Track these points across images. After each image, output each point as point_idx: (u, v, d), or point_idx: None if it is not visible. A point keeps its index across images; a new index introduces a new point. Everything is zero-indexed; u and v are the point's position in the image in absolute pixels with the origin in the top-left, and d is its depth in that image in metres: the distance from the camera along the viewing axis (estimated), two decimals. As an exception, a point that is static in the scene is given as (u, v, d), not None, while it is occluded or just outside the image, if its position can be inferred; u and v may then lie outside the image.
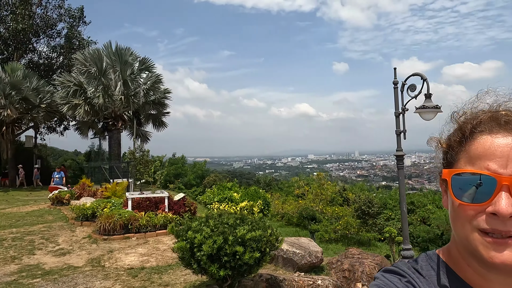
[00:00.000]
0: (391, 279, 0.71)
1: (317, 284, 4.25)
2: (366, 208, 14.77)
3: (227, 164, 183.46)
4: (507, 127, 0.62)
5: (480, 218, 0.60)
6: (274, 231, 3.96)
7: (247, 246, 3.57)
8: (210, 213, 4.21)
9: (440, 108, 4.52)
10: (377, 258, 5.21)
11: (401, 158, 5.12)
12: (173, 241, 6.80)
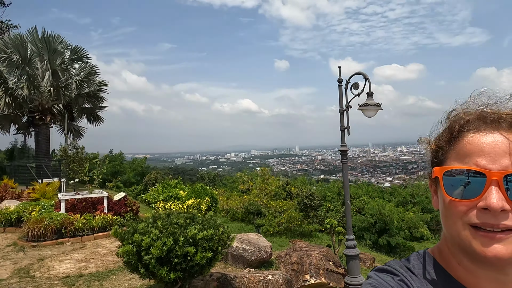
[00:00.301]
0: (384, 278, 0.72)
1: (267, 279, 4.28)
2: (308, 201, 15.38)
3: (168, 160, 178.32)
4: (493, 125, 0.65)
5: (472, 213, 0.61)
6: (226, 229, 3.89)
7: (198, 246, 3.45)
8: (157, 213, 3.99)
9: (380, 106, 4.85)
10: (323, 250, 5.42)
11: (345, 153, 5.38)
12: (114, 244, 6.37)
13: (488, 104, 0.70)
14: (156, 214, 3.95)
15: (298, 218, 14.61)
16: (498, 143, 0.62)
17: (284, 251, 5.73)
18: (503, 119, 0.65)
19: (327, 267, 5.03)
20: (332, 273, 5.02)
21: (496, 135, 0.64)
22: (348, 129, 5.25)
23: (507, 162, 0.60)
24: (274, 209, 15.80)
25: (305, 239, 14.06)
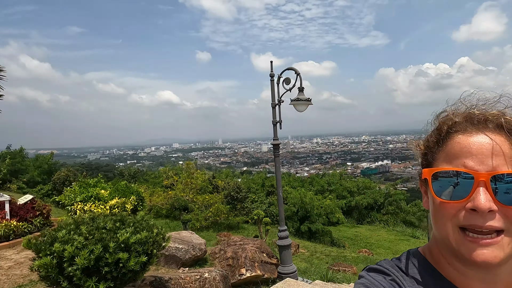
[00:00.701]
0: (376, 277, 0.72)
1: (204, 278, 4.16)
2: (235, 193, 15.53)
3: (80, 155, 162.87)
4: (480, 126, 0.66)
5: (460, 215, 0.62)
6: (161, 230, 3.65)
7: (132, 251, 3.17)
8: (79, 218, 3.55)
9: (310, 101, 5.06)
10: (257, 242, 5.50)
11: (277, 146, 5.49)
12: (21, 254, 5.55)
13: (476, 105, 0.71)
14: (78, 218, 3.51)
15: (225, 211, 14.67)
16: (485, 144, 0.63)
17: (218, 246, 5.66)
18: (489, 120, 0.66)
19: (262, 259, 5.11)
20: (267, 265, 5.13)
21: (483, 136, 0.65)
22: (280, 123, 5.37)
23: (494, 163, 0.61)
24: (201, 203, 15.58)
25: (233, 231, 14.20)
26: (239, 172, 43.22)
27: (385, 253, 15.46)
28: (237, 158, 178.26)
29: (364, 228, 21.51)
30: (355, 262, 11.24)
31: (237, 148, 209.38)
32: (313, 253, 12.27)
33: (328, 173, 31.56)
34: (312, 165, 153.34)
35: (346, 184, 25.38)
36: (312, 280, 5.86)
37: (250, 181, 25.20)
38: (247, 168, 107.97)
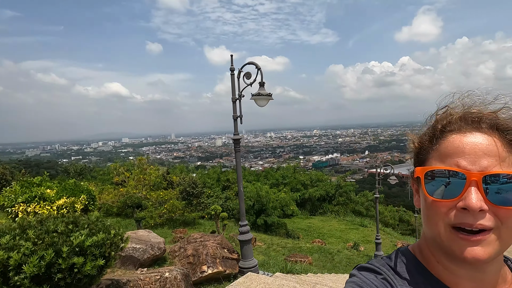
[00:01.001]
0: (367, 276, 0.72)
1: (165, 277, 4.03)
2: (191, 189, 15.23)
3: (17, 151, 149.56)
4: (474, 126, 0.66)
5: (452, 214, 0.63)
6: (118, 231, 3.45)
7: (87, 255, 2.95)
8: (24, 221, 3.23)
9: (271, 96, 5.07)
10: (217, 238, 5.44)
11: (238, 141, 5.44)
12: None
13: (472, 105, 0.72)
14: (23, 221, 3.20)
15: (181, 207, 14.37)
16: (478, 144, 0.64)
17: (177, 244, 5.50)
18: (483, 120, 0.67)
19: (223, 254, 5.07)
20: (228, 260, 5.10)
21: (476, 136, 0.65)
22: (241, 118, 5.32)
23: (486, 163, 0.62)
24: (155, 200, 15.10)
25: (189, 228, 13.96)
26: (194, 167, 42.52)
27: (337, 242, 16.20)
28: (190, 152, 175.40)
29: (316, 219, 22.33)
30: (310, 252, 11.64)
31: (190, 143, 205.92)
32: (269, 245, 12.48)
33: (282, 166, 32.23)
34: (266, 159, 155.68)
35: (300, 177, 26.12)
36: (273, 272, 5.95)
37: (205, 176, 24.91)
38: (201, 163, 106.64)
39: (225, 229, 11.68)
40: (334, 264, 10.31)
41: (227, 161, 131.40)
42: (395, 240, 17.52)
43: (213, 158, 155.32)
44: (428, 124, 0.76)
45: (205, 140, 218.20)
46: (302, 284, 4.86)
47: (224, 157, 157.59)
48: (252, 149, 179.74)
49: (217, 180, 23.96)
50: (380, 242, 10.89)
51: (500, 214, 0.61)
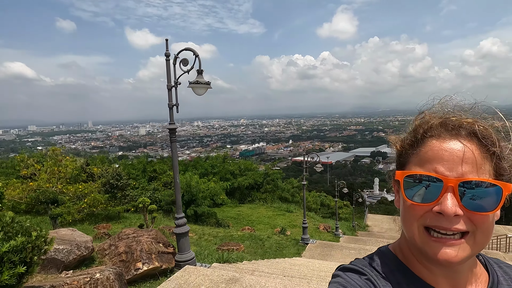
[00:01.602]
0: (351, 276, 0.74)
1: (96, 279, 3.70)
2: (115, 181, 14.23)
3: None
4: (453, 133, 0.69)
5: (427, 216, 0.66)
6: (41, 232, 3.05)
7: (4, 262, 2.55)
8: None
9: (210, 84, 4.91)
10: (152, 233, 5.17)
11: (173, 131, 5.18)
12: None
13: (452, 111, 0.75)
14: None
15: (104, 200, 13.37)
16: (456, 151, 0.66)
17: (107, 241, 5.08)
18: (463, 127, 0.69)
19: (159, 249, 4.84)
20: (164, 255, 4.89)
21: (455, 143, 0.67)
22: (177, 106, 5.07)
23: (463, 170, 0.65)
24: (72, 194, 13.76)
25: (113, 222, 13.11)
26: (116, 157, 39.74)
27: (265, 228, 16.79)
28: (111, 142, 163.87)
29: (246, 207, 22.82)
30: (241, 240, 11.86)
31: (111, 131, 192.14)
32: (201, 235, 12.38)
33: (212, 156, 32.04)
34: (193, 148, 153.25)
35: (229, 167, 26.28)
36: (209, 263, 5.90)
37: (130, 167, 23.52)
38: (123, 153, 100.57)
39: (154, 222, 11.22)
40: (265, 249, 10.66)
41: (151, 151, 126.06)
42: (318, 223, 18.80)
43: (136, 148, 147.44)
44: (410, 128, 0.78)
45: (127, 129, 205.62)
46: (240, 273, 4.92)
47: (148, 147, 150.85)
48: (179, 138, 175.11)
49: (143, 171, 22.83)
50: (307, 226, 11.57)
51: (475, 219, 0.64)
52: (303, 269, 6.51)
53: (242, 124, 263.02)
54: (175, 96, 5.05)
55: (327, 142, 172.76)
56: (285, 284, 4.35)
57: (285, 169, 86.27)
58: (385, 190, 74.63)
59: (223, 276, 4.55)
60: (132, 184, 17.67)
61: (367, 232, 21.07)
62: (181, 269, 4.77)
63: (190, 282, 4.31)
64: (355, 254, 10.13)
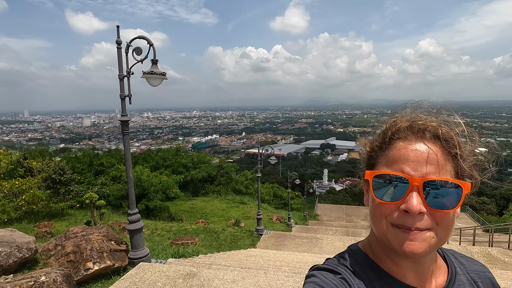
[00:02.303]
0: (327, 276, 0.78)
1: (41, 282, 3.44)
2: (58, 176, 13.23)
3: None
4: (419, 135, 0.74)
5: (394, 214, 0.71)
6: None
7: None
8: None
9: (165, 75, 4.71)
10: (103, 230, 4.89)
11: (126, 123, 4.91)
12: None
13: (419, 115, 0.79)
14: None
15: (45, 197, 12.41)
16: (421, 152, 0.71)
17: (52, 241, 4.72)
18: (428, 130, 0.74)
19: (111, 247, 4.60)
20: (116, 253, 4.66)
21: (420, 145, 0.72)
22: (129, 97, 4.81)
23: (427, 170, 0.69)
24: (8, 190, 12.59)
25: (55, 220, 12.28)
26: (57, 149, 36.93)
27: (219, 220, 16.78)
28: (51, 133, 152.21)
29: (199, 200, 22.58)
30: (196, 233, 11.74)
31: (51, 122, 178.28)
32: (153, 230, 12.04)
33: (163, 148, 31.13)
34: (143, 140, 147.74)
35: (182, 160, 25.73)
36: (165, 259, 5.76)
37: (74, 160, 22.03)
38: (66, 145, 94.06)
39: (102, 218, 10.67)
40: (220, 242, 10.67)
41: (98, 143, 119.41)
42: (271, 214, 19.21)
43: (80, 140, 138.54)
44: (379, 130, 0.82)
45: (70, 120, 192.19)
46: (197, 267, 4.87)
47: (94, 139, 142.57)
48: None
49: (89, 164, 21.52)
50: (261, 218, 11.75)
51: (437, 216, 0.69)
52: (259, 260, 6.63)
53: (195, 116, 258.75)
54: (127, 86, 4.80)
55: (279, 135, 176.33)
56: (243, 276, 4.39)
57: (239, 161, 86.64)
58: (333, 180, 78.28)
59: (180, 271, 4.48)
60: (77, 179, 16.60)
61: (318, 221, 21.97)
62: (135, 267, 4.60)
63: (145, 280, 4.18)
64: (307, 242, 10.53)
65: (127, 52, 4.69)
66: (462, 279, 0.84)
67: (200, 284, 4.10)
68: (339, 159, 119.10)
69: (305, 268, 5.73)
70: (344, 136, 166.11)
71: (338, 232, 14.08)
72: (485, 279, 0.87)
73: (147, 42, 4.63)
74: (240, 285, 4.10)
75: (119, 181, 18.88)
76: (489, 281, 0.87)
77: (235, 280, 4.24)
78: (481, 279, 0.87)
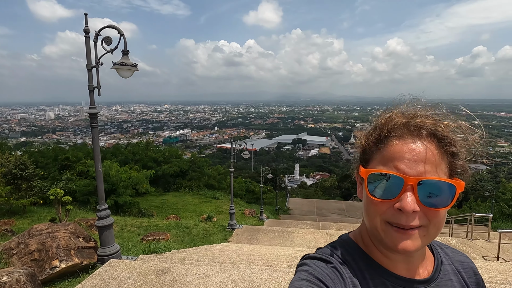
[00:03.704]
0: (318, 264, 0.79)
1: (2, 282, 3.27)
2: (19, 171, 12.54)
3: None
4: (415, 133, 0.74)
5: (388, 212, 0.73)
6: None
7: None
8: None
9: (137, 67, 4.56)
10: (70, 227, 4.69)
11: (95, 116, 4.71)
12: None
13: (415, 113, 0.78)
14: None
15: (5, 193, 11.74)
16: (417, 151, 0.71)
17: (14, 239, 4.46)
18: (424, 128, 0.74)
19: (78, 244, 4.43)
20: (84, 250, 4.49)
21: (416, 143, 0.72)
22: (98, 89, 4.61)
23: (422, 169, 0.69)
24: (-39, 187, 11.78)
25: (17, 217, 11.69)
26: (18, 143, 34.94)
27: (191, 215, 16.62)
28: (11, 126, 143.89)
29: (171, 195, 22.22)
30: (167, 229, 11.55)
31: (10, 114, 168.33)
32: (123, 227, 11.73)
33: (133, 142, 30.29)
34: (112, 134, 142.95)
35: (152, 154, 25.16)
36: (136, 255, 5.63)
37: (37, 155, 20.96)
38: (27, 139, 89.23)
39: (69, 215, 10.26)
40: (192, 237, 10.57)
41: (62, 137, 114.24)
42: (243, 208, 19.27)
43: (43, 133, 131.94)
44: (374, 123, 0.82)
45: (32, 112, 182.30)
46: (170, 263, 4.80)
47: (58, 132, 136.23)
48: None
49: (54, 159, 20.55)
50: (234, 212, 11.77)
51: (429, 214, 0.71)
52: (232, 254, 6.64)
53: (166, 110, 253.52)
54: (96, 78, 4.60)
55: (252, 130, 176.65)
56: (216, 270, 4.38)
57: (211, 156, 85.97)
58: (304, 175, 79.67)
59: (151, 267, 4.39)
60: (40, 174, 15.82)
61: (289, 215, 22.30)
62: (105, 264, 4.46)
63: (116, 277, 4.06)
64: (279, 236, 10.67)
65: (96, 42, 4.49)
66: (447, 269, 0.88)
67: (173, 279, 4.05)
68: (310, 154, 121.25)
69: (278, 261, 5.81)
70: (315, 132, 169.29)
71: (309, 226, 14.37)
72: (468, 269, 0.91)
73: (118, 32, 4.45)
74: (214, 280, 4.09)
75: (86, 176, 18.19)
76: (472, 271, 0.91)
77: (208, 275, 4.23)
78: (464, 269, 0.91)
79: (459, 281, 0.87)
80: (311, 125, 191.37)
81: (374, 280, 0.79)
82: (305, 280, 0.73)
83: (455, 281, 0.86)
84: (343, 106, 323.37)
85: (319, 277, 0.74)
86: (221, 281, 4.06)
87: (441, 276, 0.85)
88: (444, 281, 0.84)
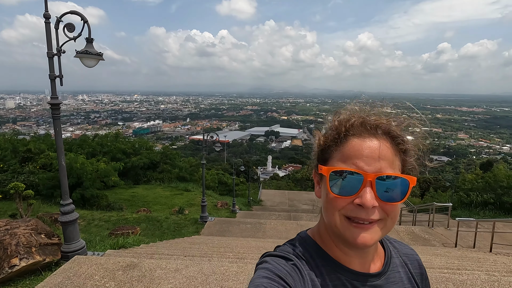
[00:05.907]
0: (278, 262, 0.81)
1: (-45, 284, 3.07)
2: (-25, 164, 11.76)
3: None
4: (371, 132, 0.77)
5: (348, 207, 0.75)
6: None
7: None
8: None
9: (102, 56, 4.35)
10: (31, 223, 4.46)
11: (57, 106, 4.46)
12: None
13: (371, 111, 0.82)
14: None
15: (-41, 187, 11.02)
16: (374, 148, 0.74)
17: (-32, 238, 4.19)
18: (379, 127, 0.78)
19: (40, 241, 4.23)
20: (47, 247, 4.30)
21: (373, 141, 0.75)
22: (61, 78, 4.37)
23: (380, 165, 0.73)
24: None
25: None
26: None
27: (162, 208, 16.37)
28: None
29: (141, 188, 21.73)
30: (137, 222, 11.32)
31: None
32: (90, 221, 11.36)
33: (101, 134, 29.23)
34: (78, 125, 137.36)
35: (121, 146, 24.41)
36: (103, 251, 5.47)
37: (-11, 148, 19.69)
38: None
39: (31, 210, 9.78)
40: (162, 231, 10.43)
41: (24, 128, 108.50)
42: (216, 200, 19.21)
43: (2, 124, 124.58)
44: (329, 124, 0.84)
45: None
46: (138, 257, 4.71)
47: (19, 122, 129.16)
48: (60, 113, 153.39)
49: (12, 150, 19.42)
50: (205, 204, 11.70)
51: (386, 208, 0.74)
52: (203, 247, 6.61)
53: (136, 100, 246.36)
54: (58, 66, 4.36)
55: (224, 121, 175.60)
56: (186, 264, 4.35)
57: (183, 148, 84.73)
58: (277, 166, 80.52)
59: (119, 263, 4.29)
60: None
61: (261, 206, 22.50)
62: (70, 260, 4.30)
63: (81, 274, 3.93)
64: (251, 228, 10.76)
65: (57, 28, 4.24)
66: (396, 261, 0.93)
67: (141, 275, 3.98)
68: (283, 146, 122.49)
69: (249, 254, 5.85)
70: (288, 124, 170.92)
71: (280, 217, 14.58)
72: (413, 261, 0.98)
73: (81, 19, 4.23)
74: (184, 274, 4.06)
75: (50, 169, 17.38)
76: (417, 262, 0.98)
77: (178, 269, 4.19)
78: (410, 261, 0.97)
79: (405, 273, 0.93)
80: (284, 117, 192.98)
81: (330, 275, 0.82)
82: (266, 278, 0.74)
83: (402, 273, 0.92)
84: (315, 99, 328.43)
85: (280, 274, 0.75)
86: (191, 275, 4.04)
87: (390, 268, 0.90)
88: (393, 274, 0.89)
